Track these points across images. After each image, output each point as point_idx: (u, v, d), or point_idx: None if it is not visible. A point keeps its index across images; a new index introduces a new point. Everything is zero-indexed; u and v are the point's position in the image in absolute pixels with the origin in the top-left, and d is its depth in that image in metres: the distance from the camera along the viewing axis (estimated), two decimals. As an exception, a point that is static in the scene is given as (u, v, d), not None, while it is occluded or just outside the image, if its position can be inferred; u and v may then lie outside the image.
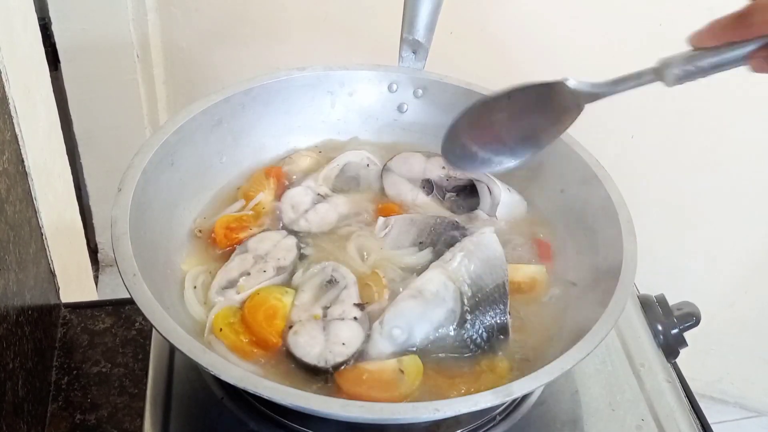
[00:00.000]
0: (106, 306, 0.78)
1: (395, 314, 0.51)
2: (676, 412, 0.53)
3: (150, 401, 0.51)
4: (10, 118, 0.67)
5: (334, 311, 0.52)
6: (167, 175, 0.55)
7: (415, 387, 0.48)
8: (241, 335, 0.50)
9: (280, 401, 0.39)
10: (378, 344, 0.50)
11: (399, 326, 0.50)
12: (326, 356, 0.49)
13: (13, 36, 0.75)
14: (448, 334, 0.51)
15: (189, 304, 0.52)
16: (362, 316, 0.51)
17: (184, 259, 0.55)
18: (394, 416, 0.40)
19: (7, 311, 0.61)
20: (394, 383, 0.48)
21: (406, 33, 0.63)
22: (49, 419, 0.68)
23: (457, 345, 0.51)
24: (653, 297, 0.62)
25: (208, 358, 0.41)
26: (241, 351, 0.49)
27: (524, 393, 0.44)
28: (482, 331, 0.51)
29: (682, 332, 0.59)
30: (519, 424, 0.51)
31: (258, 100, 0.61)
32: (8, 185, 0.64)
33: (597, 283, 0.51)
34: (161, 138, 0.54)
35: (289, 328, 0.51)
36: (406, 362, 0.49)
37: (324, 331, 0.50)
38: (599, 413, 0.52)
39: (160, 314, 0.42)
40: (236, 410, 0.50)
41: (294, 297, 0.53)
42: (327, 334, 0.50)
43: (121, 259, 0.45)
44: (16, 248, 0.64)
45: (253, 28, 1.19)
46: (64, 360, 0.73)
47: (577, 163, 0.57)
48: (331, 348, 0.49)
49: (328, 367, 0.48)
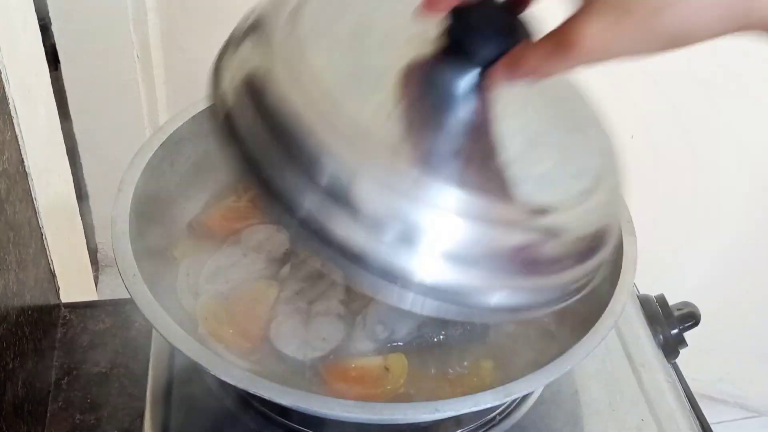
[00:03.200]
0: (106, 306, 0.78)
1: (378, 310, 0.51)
2: (676, 412, 0.53)
3: (150, 401, 0.51)
4: (10, 118, 0.67)
5: (318, 306, 0.52)
6: (167, 175, 0.55)
7: (401, 384, 0.49)
8: (225, 325, 0.51)
9: (280, 401, 0.39)
10: (360, 340, 0.50)
11: (382, 322, 0.51)
12: (305, 350, 0.49)
13: (13, 36, 0.75)
14: (432, 331, 0.51)
15: (180, 292, 0.52)
16: (346, 312, 0.52)
17: (180, 251, 0.56)
18: (394, 416, 0.40)
19: (7, 311, 0.61)
20: (380, 380, 0.49)
21: (406, 33, 0.63)
22: (49, 419, 0.68)
23: (440, 342, 0.51)
24: (653, 297, 0.62)
25: (208, 359, 0.41)
26: (224, 341, 0.50)
27: (524, 393, 0.44)
28: (468, 327, 0.51)
29: (682, 332, 0.59)
30: (519, 424, 0.51)
31: (258, 100, 0.61)
32: (8, 185, 0.64)
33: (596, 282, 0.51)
34: (161, 138, 0.54)
35: (272, 320, 0.51)
36: (391, 359, 0.50)
37: (306, 325, 0.51)
38: (599, 413, 0.52)
39: (160, 314, 0.43)
40: (236, 410, 0.50)
41: (280, 290, 0.53)
42: (309, 328, 0.51)
43: (121, 259, 0.45)
44: (16, 248, 0.65)
45: (253, 28, 1.19)
46: (64, 360, 0.73)
47: (577, 163, 0.56)
48: (312, 342, 0.49)
49: (306, 360, 0.49)
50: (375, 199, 0.37)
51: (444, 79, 0.41)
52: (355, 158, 0.37)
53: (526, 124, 0.44)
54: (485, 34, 0.38)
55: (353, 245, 0.37)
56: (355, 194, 0.37)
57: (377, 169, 0.37)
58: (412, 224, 0.37)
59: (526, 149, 0.43)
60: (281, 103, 0.39)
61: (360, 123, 0.38)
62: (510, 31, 0.39)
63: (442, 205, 0.37)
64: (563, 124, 0.46)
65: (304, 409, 0.40)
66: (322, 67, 0.40)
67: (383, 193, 0.37)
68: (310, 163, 0.37)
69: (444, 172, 0.39)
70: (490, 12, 0.39)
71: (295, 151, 0.37)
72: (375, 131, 0.39)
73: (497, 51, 0.38)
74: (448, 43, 0.40)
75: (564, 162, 0.44)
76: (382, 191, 0.37)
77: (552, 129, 0.45)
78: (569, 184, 0.42)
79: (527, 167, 0.42)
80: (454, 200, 0.37)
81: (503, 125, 0.42)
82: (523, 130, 0.44)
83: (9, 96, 0.67)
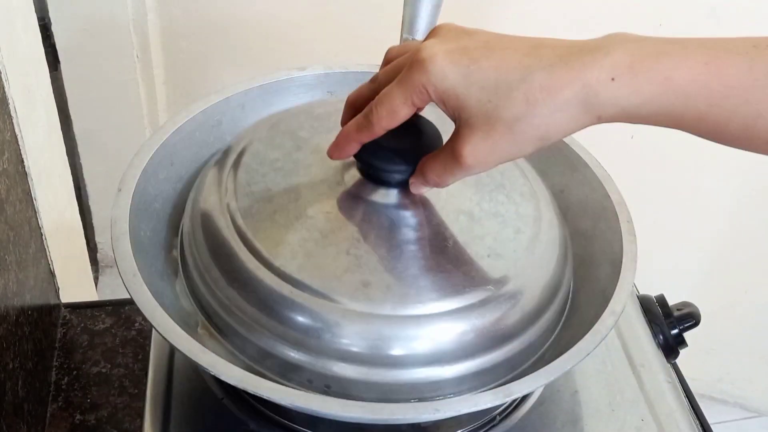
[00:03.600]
0: (106, 306, 0.78)
1: None
2: (676, 412, 0.53)
3: (150, 401, 0.51)
4: (10, 118, 0.67)
5: None
6: (167, 175, 0.55)
7: None
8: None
9: (280, 401, 0.39)
10: None
11: None
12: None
13: (13, 36, 0.75)
14: None
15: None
16: None
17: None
18: (394, 416, 0.40)
19: (7, 311, 0.61)
20: None
21: (406, 33, 0.63)
22: (49, 419, 0.68)
23: None
24: (653, 297, 0.62)
25: (208, 359, 0.41)
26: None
27: (524, 393, 0.44)
28: None
29: (682, 332, 0.59)
30: (519, 424, 0.51)
31: (258, 100, 0.61)
32: (8, 185, 0.64)
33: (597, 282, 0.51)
34: (161, 138, 0.54)
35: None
36: None
37: None
38: (599, 413, 0.52)
39: (160, 314, 0.42)
40: (236, 410, 0.50)
41: None
42: None
43: (121, 259, 0.45)
44: (16, 248, 0.65)
45: (253, 28, 1.19)
46: (64, 360, 0.73)
47: (577, 163, 0.57)
48: None
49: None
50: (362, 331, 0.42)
51: (373, 204, 0.47)
52: (328, 301, 0.42)
53: (460, 205, 0.48)
54: (389, 168, 0.45)
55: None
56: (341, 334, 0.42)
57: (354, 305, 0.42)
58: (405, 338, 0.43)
59: (470, 227, 0.48)
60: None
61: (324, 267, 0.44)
62: (410, 152, 0.45)
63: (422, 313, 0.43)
64: (487, 187, 0.51)
65: (304, 409, 0.40)
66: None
67: (367, 324, 0.42)
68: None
69: (411, 283, 0.44)
70: (389, 147, 0.44)
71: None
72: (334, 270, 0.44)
73: (405, 175, 0.45)
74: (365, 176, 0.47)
75: (504, 224, 0.48)
76: (366, 324, 0.42)
77: (482, 196, 0.50)
78: (517, 241, 0.47)
79: (478, 242, 0.47)
80: (430, 307, 0.43)
81: (443, 215, 0.48)
82: (459, 212, 0.48)
83: (9, 96, 0.67)
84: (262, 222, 0.46)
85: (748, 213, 1.24)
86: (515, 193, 0.51)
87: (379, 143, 0.44)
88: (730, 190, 1.22)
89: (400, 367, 0.43)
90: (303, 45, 1.17)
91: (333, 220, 0.46)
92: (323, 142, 0.51)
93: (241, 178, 0.49)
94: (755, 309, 1.36)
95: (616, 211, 0.52)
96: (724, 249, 1.30)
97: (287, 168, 0.50)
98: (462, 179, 0.43)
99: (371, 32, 1.02)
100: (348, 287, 0.43)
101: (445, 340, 0.43)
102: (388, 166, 0.45)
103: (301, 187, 0.48)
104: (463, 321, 0.44)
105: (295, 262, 0.44)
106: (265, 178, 0.49)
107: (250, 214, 0.47)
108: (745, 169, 1.19)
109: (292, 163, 0.50)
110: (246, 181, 0.49)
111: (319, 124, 0.54)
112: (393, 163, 0.45)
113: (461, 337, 0.44)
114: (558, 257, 0.49)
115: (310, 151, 0.51)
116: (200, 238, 0.48)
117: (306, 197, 0.48)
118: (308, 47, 1.17)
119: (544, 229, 0.49)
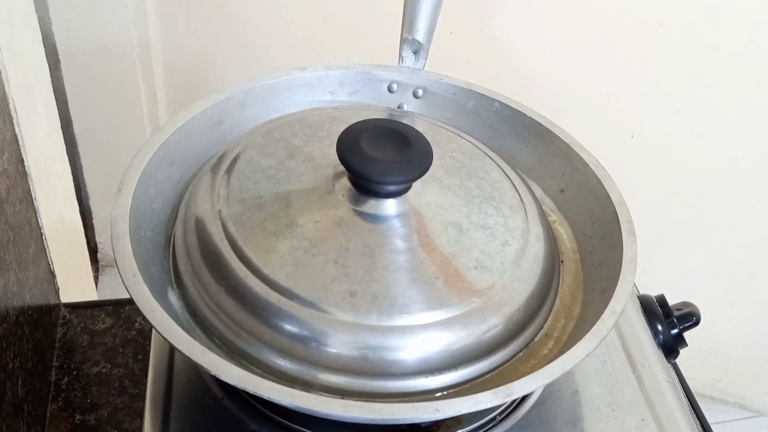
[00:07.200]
0: (106, 306, 0.78)
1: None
2: (676, 412, 0.53)
3: (150, 401, 0.51)
4: (10, 118, 0.67)
5: None
6: (167, 175, 0.55)
7: None
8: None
9: (280, 401, 0.39)
10: None
11: None
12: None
13: (13, 36, 0.75)
14: None
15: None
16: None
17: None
18: (394, 416, 0.40)
19: (6, 311, 0.61)
20: None
21: (406, 33, 0.63)
22: (49, 419, 0.68)
23: None
24: (653, 297, 0.62)
25: (208, 359, 0.41)
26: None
27: (524, 393, 0.44)
28: None
29: (682, 332, 0.59)
30: (519, 424, 0.51)
31: (258, 100, 0.61)
32: (8, 185, 0.64)
33: (596, 282, 0.51)
34: (161, 138, 0.54)
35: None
36: None
37: None
38: (599, 413, 0.52)
39: (160, 314, 0.42)
40: (236, 410, 0.50)
41: None
42: None
43: (121, 259, 0.45)
44: (16, 248, 0.65)
45: (253, 28, 1.19)
46: (64, 360, 0.73)
47: (577, 163, 0.57)
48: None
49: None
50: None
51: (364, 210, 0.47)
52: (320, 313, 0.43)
53: (449, 216, 0.48)
54: (379, 179, 0.45)
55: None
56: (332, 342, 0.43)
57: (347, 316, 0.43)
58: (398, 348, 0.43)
59: (458, 239, 0.48)
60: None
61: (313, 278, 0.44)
62: (401, 163, 0.45)
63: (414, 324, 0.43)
64: (477, 198, 0.51)
65: (304, 409, 0.40)
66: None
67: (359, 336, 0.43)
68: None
69: (397, 293, 0.44)
70: (379, 158, 0.45)
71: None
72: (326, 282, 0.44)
73: (395, 186, 0.46)
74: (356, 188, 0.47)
75: (492, 236, 0.48)
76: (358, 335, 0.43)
77: (471, 208, 0.50)
78: (504, 253, 0.48)
79: (466, 254, 0.47)
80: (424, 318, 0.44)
81: (431, 227, 0.48)
82: (448, 223, 0.48)
83: (9, 96, 0.67)
84: (252, 229, 0.46)
85: (748, 213, 1.24)
86: (504, 206, 0.51)
87: (369, 154, 0.44)
88: (731, 190, 1.22)
89: (385, 377, 0.43)
90: (303, 45, 1.17)
91: (322, 230, 0.46)
92: (316, 150, 0.51)
93: (233, 184, 0.49)
94: (755, 309, 1.36)
95: (616, 211, 0.52)
96: (724, 249, 1.30)
97: (279, 176, 0.50)
98: (452, 190, 0.44)
99: (371, 32, 1.02)
100: (335, 297, 0.43)
101: (431, 350, 0.44)
102: (378, 177, 0.45)
103: (292, 195, 0.48)
104: (448, 332, 0.44)
105: (283, 271, 0.44)
106: (257, 186, 0.49)
107: (241, 221, 0.47)
108: (746, 168, 1.19)
109: (285, 172, 0.50)
110: (238, 188, 0.49)
111: (313, 133, 0.54)
112: (383, 174, 0.45)
113: (446, 348, 0.44)
114: (545, 270, 0.49)
115: (303, 160, 0.51)
116: (192, 243, 0.48)
117: (296, 206, 0.48)
118: (308, 47, 1.17)
119: (532, 242, 0.49)
